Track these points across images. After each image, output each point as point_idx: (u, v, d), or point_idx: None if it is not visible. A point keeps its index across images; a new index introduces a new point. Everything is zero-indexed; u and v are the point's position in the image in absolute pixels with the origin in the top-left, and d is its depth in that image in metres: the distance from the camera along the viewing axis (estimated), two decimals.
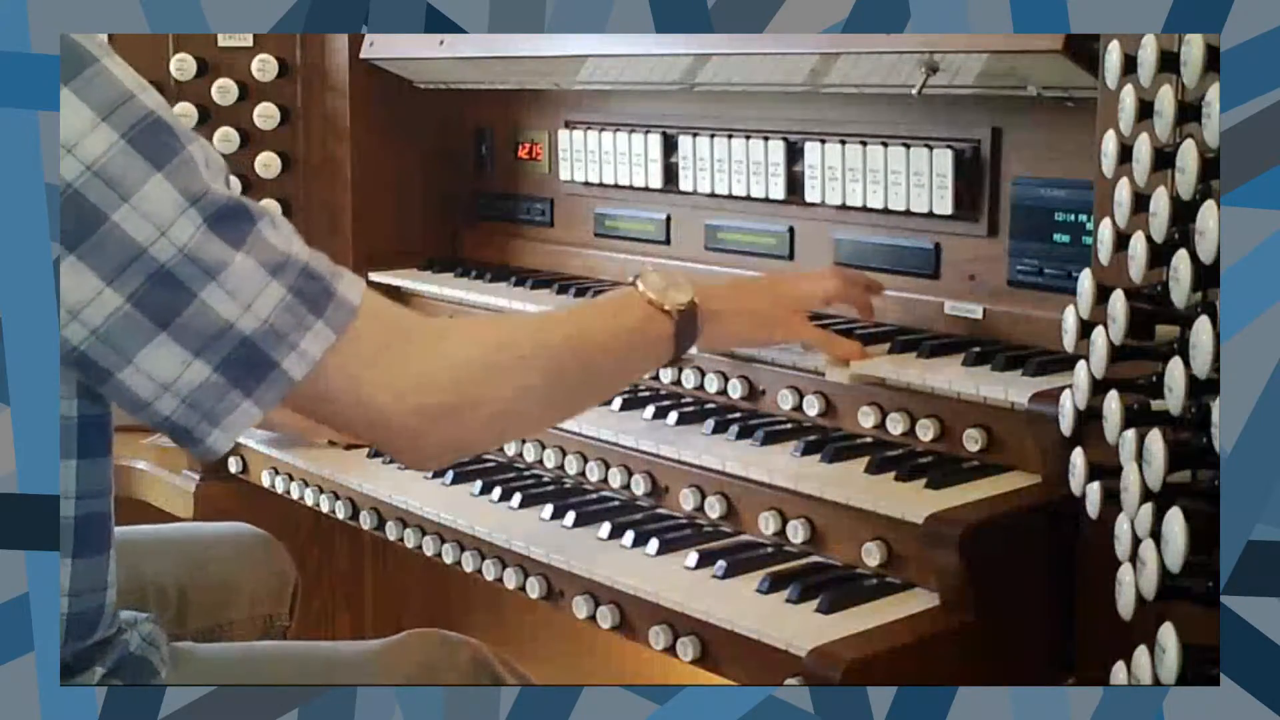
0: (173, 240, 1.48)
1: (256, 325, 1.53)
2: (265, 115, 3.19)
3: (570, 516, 2.23)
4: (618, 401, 2.42)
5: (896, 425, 2.15)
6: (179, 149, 1.51)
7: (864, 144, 2.45)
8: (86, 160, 1.45)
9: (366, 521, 2.54)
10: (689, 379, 2.44)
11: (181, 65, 3.16)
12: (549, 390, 1.81)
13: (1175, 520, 1.38)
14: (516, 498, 2.33)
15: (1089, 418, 1.71)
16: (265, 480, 2.79)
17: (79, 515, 1.62)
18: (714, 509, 2.18)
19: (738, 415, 2.32)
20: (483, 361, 1.73)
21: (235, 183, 3.11)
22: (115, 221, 1.46)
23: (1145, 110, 1.59)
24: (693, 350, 2.10)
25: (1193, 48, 1.46)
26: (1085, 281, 1.74)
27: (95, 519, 1.65)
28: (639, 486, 2.30)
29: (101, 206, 1.45)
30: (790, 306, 2.17)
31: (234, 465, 2.89)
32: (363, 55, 3.14)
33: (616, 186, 2.92)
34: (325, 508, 2.64)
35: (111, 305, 1.47)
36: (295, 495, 2.72)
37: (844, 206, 2.50)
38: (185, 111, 3.15)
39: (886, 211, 2.44)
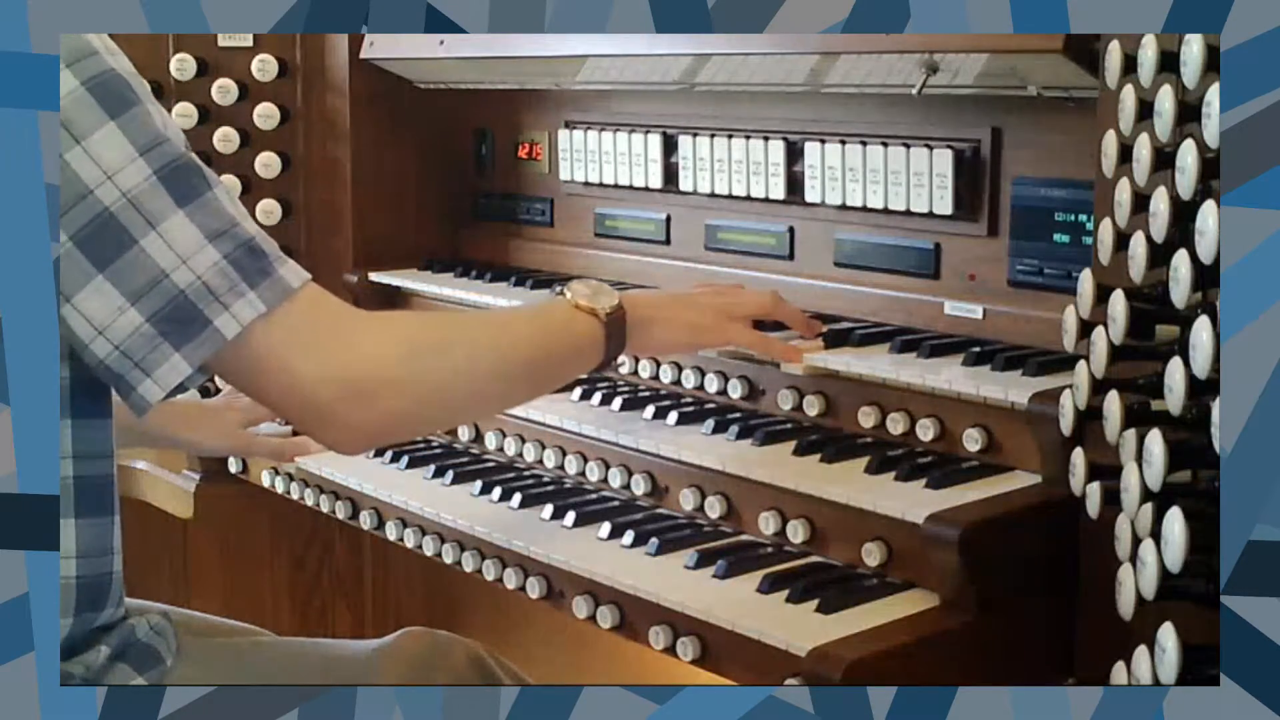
0: (118, 185, 1.54)
1: (190, 280, 1.57)
2: (265, 115, 3.19)
3: (570, 516, 2.23)
4: (618, 401, 2.42)
5: (896, 425, 2.15)
6: (135, 103, 1.56)
7: (864, 144, 2.45)
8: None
9: (366, 521, 2.54)
10: (689, 379, 2.44)
11: (181, 65, 3.16)
12: (472, 382, 1.83)
13: (1175, 520, 1.38)
14: (516, 498, 2.33)
15: (1089, 418, 1.71)
16: (265, 480, 2.79)
17: (78, 476, 1.65)
18: (714, 509, 2.18)
19: (738, 415, 2.32)
20: (411, 347, 1.75)
21: (235, 181, 3.17)
22: (66, 160, 1.52)
23: (1145, 110, 1.59)
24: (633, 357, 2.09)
25: (1193, 48, 1.46)
26: (1085, 282, 1.74)
27: (97, 480, 1.68)
28: (639, 486, 2.30)
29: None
30: (722, 314, 2.21)
31: (234, 465, 2.89)
32: (363, 55, 3.14)
33: (616, 186, 2.92)
34: (325, 508, 2.64)
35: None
36: (295, 495, 2.72)
37: (844, 206, 2.50)
38: (185, 111, 3.15)
39: (886, 211, 2.44)
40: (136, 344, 1.56)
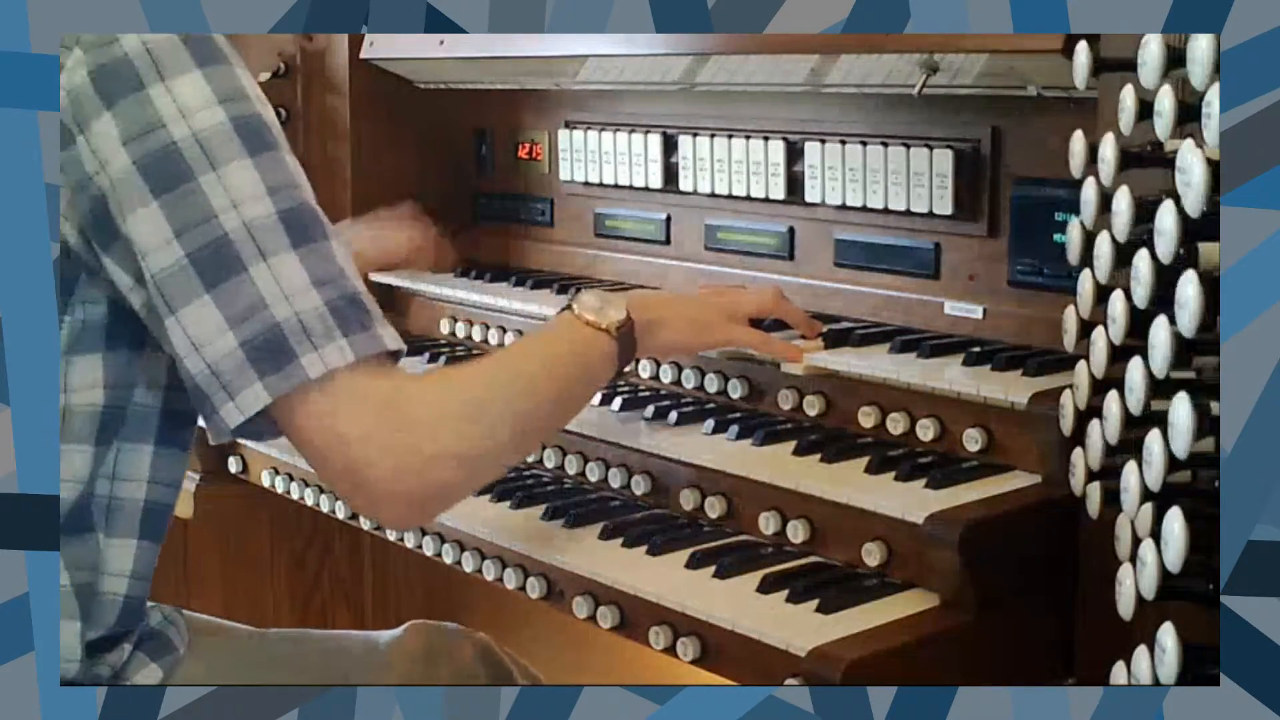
0: (242, 214, 1.59)
1: (288, 315, 1.60)
2: None
3: (570, 516, 2.23)
4: (618, 401, 2.42)
5: (896, 425, 2.15)
6: (273, 147, 1.64)
7: (864, 144, 2.45)
8: (195, 127, 1.60)
9: (366, 521, 2.54)
10: (689, 379, 2.44)
11: None
12: (513, 435, 1.82)
13: (1175, 520, 1.38)
14: (516, 498, 2.33)
15: (1089, 418, 1.71)
16: (265, 480, 2.79)
17: (149, 500, 1.75)
18: (714, 509, 2.18)
19: (738, 415, 2.32)
20: (457, 417, 1.74)
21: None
22: (200, 183, 1.59)
23: (1145, 110, 1.59)
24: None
25: (1194, 48, 1.46)
26: (1085, 282, 1.74)
27: (163, 508, 1.77)
28: (639, 486, 2.30)
29: (194, 167, 1.59)
30: (724, 313, 2.22)
31: (234, 465, 2.88)
32: (363, 55, 3.14)
33: (616, 186, 2.92)
34: (325, 508, 2.64)
35: (173, 256, 1.59)
36: (295, 495, 2.72)
37: (844, 206, 2.50)
38: None
39: (886, 211, 2.44)
40: (226, 366, 1.60)
